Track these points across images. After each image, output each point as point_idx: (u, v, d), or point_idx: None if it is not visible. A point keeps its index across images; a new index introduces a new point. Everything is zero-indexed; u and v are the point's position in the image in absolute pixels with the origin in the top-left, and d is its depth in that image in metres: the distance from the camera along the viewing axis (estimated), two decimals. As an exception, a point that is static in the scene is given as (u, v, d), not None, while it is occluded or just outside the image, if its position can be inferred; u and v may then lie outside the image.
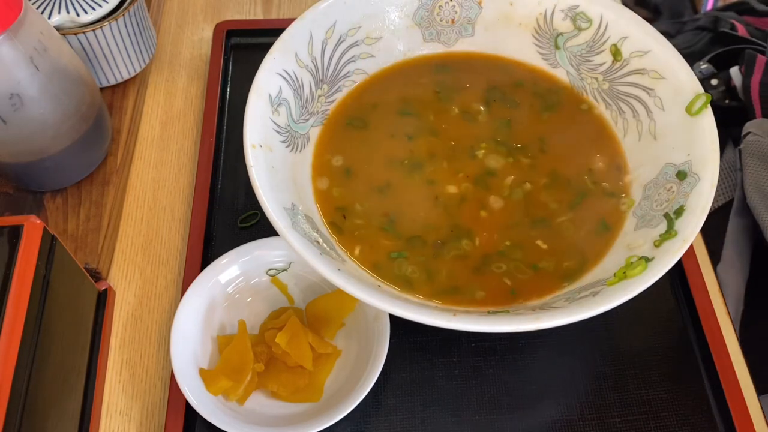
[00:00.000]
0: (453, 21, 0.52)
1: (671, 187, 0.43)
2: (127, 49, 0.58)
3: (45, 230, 0.39)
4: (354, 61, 0.51)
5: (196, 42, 0.66)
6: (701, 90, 0.44)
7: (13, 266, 0.37)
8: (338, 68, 0.50)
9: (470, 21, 0.52)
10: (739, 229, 0.68)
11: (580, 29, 0.50)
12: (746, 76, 0.72)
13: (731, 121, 0.73)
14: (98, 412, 0.45)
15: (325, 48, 0.49)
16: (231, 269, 0.47)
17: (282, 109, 0.45)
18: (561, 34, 0.51)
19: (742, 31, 0.80)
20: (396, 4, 0.51)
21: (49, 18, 0.54)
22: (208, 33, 0.66)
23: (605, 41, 0.49)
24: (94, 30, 0.55)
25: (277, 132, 0.45)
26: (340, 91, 0.50)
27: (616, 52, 0.48)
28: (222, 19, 0.66)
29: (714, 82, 0.76)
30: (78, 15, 0.55)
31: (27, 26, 0.44)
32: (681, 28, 0.91)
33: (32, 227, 0.38)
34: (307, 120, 0.48)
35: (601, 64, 0.49)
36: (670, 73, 0.46)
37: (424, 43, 0.52)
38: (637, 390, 0.46)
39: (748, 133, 0.66)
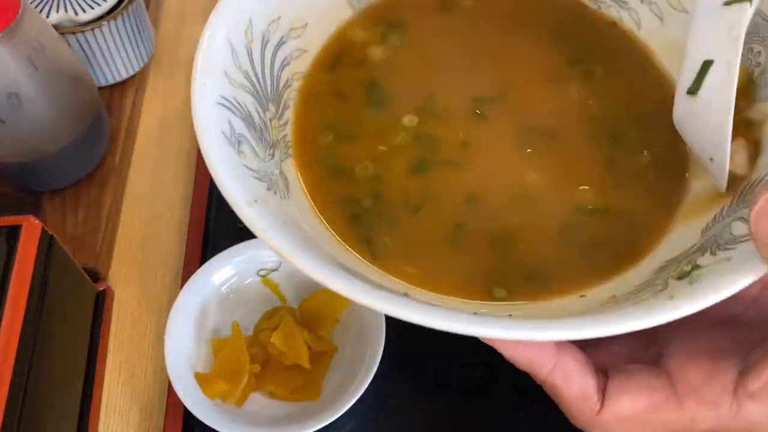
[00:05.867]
0: None
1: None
2: (125, 49, 0.58)
3: (43, 230, 0.39)
4: (288, 64, 0.39)
5: (195, 41, 0.65)
6: None
7: (11, 266, 0.37)
8: (276, 79, 0.39)
9: None
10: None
11: None
12: None
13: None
14: (97, 413, 0.45)
15: (252, 56, 0.37)
16: (224, 270, 0.47)
17: (245, 148, 0.34)
18: None
19: None
20: None
21: (47, 17, 0.54)
22: (207, 32, 0.66)
23: None
24: (92, 29, 0.55)
25: (258, 179, 0.33)
26: (289, 107, 0.39)
27: None
28: (221, 19, 0.65)
29: None
30: (76, 14, 0.55)
31: (25, 25, 0.44)
32: None
33: (31, 227, 0.38)
34: (273, 155, 0.36)
35: None
36: None
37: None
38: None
39: None
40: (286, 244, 0.28)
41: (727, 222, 0.30)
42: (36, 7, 0.55)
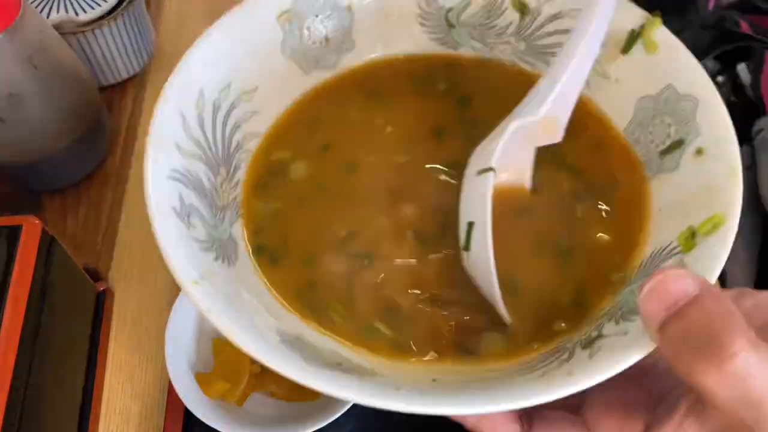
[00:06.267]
0: (327, 40, 0.44)
1: (664, 119, 0.38)
2: (126, 49, 0.58)
3: (44, 230, 0.39)
4: (239, 127, 0.40)
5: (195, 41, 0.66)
6: (644, 14, 0.37)
7: (11, 267, 0.37)
8: (227, 142, 0.40)
9: (346, 32, 0.44)
10: (747, 226, 0.68)
11: None
12: (755, 72, 0.72)
13: (736, 118, 0.73)
14: (97, 413, 0.45)
15: (203, 124, 0.38)
16: None
17: (195, 219, 0.34)
18: (450, 9, 0.43)
19: (745, 28, 0.81)
20: (258, 43, 0.41)
21: (47, 17, 0.54)
22: (207, 32, 0.66)
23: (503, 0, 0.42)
24: (93, 29, 0.55)
25: (206, 250, 0.34)
26: (239, 168, 0.40)
27: (521, 6, 0.42)
28: (221, 19, 0.65)
29: (720, 79, 0.76)
30: (77, 14, 0.55)
31: (26, 25, 0.44)
32: (687, 26, 0.91)
33: (31, 227, 0.38)
34: (223, 219, 0.37)
35: (508, 25, 0.42)
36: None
37: (306, 76, 0.44)
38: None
39: (761, 130, 0.67)
40: (230, 325, 0.31)
41: (632, 289, 0.32)
42: (36, 7, 0.55)
